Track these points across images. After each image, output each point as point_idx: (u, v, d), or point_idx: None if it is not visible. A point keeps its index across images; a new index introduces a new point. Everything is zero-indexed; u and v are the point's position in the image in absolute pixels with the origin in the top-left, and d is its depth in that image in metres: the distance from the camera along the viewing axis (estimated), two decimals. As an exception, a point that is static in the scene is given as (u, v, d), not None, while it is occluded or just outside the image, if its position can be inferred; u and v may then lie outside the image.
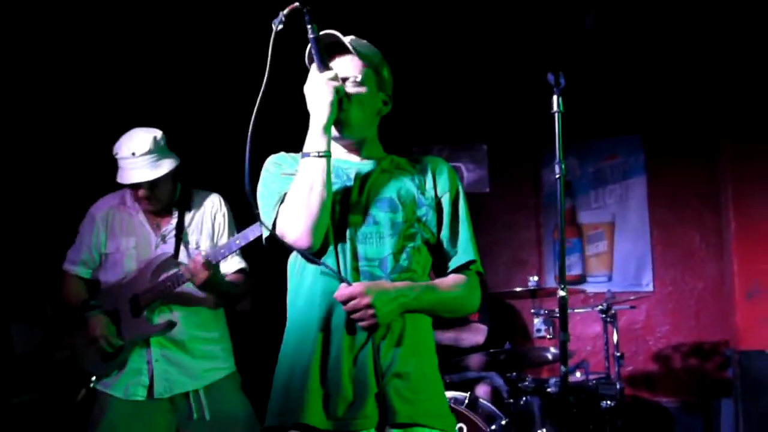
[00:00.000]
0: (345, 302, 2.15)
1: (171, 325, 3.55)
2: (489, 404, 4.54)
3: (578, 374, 5.01)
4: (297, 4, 2.17)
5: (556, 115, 2.90)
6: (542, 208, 6.31)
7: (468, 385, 4.97)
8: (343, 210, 2.29)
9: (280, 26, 2.18)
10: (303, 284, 2.30)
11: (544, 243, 6.27)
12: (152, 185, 3.56)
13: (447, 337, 5.17)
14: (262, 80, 2.21)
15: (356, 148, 2.44)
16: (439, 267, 2.43)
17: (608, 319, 4.92)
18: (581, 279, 6.14)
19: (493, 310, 5.56)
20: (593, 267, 6.15)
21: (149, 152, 3.52)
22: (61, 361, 5.36)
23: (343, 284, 2.18)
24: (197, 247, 3.68)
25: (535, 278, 5.03)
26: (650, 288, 5.97)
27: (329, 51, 2.31)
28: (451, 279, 2.38)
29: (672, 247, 5.98)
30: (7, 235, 5.02)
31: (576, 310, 5.22)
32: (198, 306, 3.67)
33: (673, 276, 5.95)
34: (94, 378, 3.58)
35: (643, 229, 6.03)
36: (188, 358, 3.61)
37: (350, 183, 2.34)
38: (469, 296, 2.39)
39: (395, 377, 2.20)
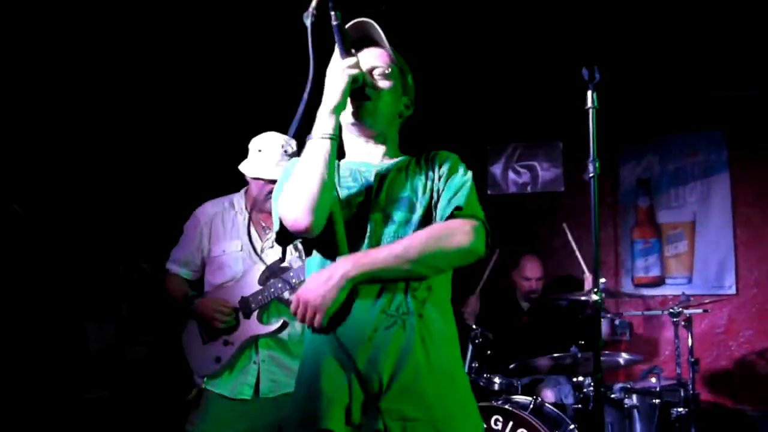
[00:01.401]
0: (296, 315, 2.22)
1: (285, 325, 3.60)
2: (555, 409, 4.44)
3: (652, 380, 4.83)
4: None
5: (591, 111, 2.77)
6: (619, 207, 6.12)
7: (533, 389, 4.88)
8: (363, 211, 2.28)
9: (312, 19, 2.19)
10: None
11: (621, 243, 6.09)
12: None
13: None
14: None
15: (377, 143, 2.42)
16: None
17: (682, 323, 4.73)
18: (660, 281, 5.94)
19: (568, 312, 5.45)
20: (673, 268, 5.93)
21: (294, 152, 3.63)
22: (135, 358, 5.51)
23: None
24: (297, 253, 3.71)
25: (603, 280, 4.86)
26: (733, 290, 5.72)
27: (362, 42, 2.35)
28: (427, 229, 2.26)
29: (757, 247, 5.71)
30: (84, 234, 5.16)
31: (645, 313, 5.04)
32: None
33: (758, 278, 5.69)
34: (205, 379, 3.65)
35: (726, 229, 5.78)
36: (290, 359, 3.64)
37: (368, 184, 2.33)
38: (447, 239, 2.21)
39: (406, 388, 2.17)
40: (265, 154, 3.62)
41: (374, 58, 2.36)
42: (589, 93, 2.84)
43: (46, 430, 4.66)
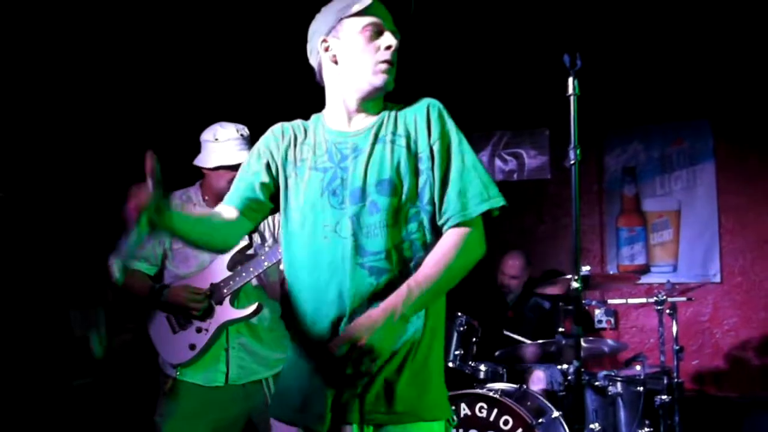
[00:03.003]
0: (343, 352, 2.05)
1: (260, 308, 3.58)
2: (540, 397, 4.45)
3: (637, 367, 4.85)
4: None
5: (572, 98, 2.75)
6: (605, 195, 6.13)
7: (519, 376, 4.89)
8: (342, 197, 2.21)
9: None
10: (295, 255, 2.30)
11: (607, 231, 6.10)
12: None
13: None
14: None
15: (365, 106, 2.32)
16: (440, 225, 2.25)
17: (667, 311, 4.74)
18: (645, 269, 5.95)
19: (553, 308, 5.46)
20: (658, 257, 5.95)
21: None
22: (121, 344, 5.49)
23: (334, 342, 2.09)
24: (262, 240, 3.71)
25: (587, 267, 4.87)
26: (718, 279, 5.74)
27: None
28: (440, 250, 2.17)
29: (741, 235, 5.73)
30: (69, 221, 5.13)
31: (630, 301, 5.05)
32: (271, 296, 3.71)
33: (742, 266, 5.71)
34: (178, 369, 3.62)
35: (711, 217, 5.80)
36: (260, 346, 3.65)
37: (345, 163, 2.25)
38: (466, 254, 2.18)
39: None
40: (222, 142, 3.61)
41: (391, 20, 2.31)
42: (570, 80, 2.83)
43: (34, 417, 4.64)
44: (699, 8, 5.44)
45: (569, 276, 4.96)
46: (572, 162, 2.75)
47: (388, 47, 2.24)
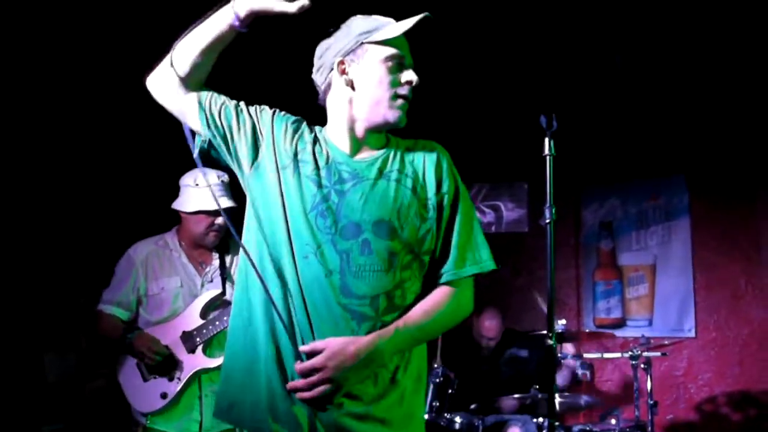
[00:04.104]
0: (303, 374, 2.01)
1: None
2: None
3: (612, 422, 4.85)
4: None
5: (548, 158, 2.80)
6: (582, 249, 6.19)
7: (495, 429, 4.88)
8: (334, 229, 2.09)
9: None
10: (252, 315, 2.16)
11: (583, 284, 6.14)
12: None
13: None
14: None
15: (378, 133, 2.25)
16: (431, 276, 2.22)
17: (642, 366, 4.76)
18: (621, 322, 5.99)
19: (529, 359, 5.47)
20: (634, 310, 6.00)
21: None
22: (94, 391, 5.43)
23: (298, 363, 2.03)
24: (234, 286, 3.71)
25: (563, 321, 4.90)
26: (692, 333, 5.78)
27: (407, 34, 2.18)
28: (432, 301, 2.16)
29: (716, 291, 5.78)
30: (43, 267, 5.11)
31: (605, 356, 5.07)
32: None
33: (717, 321, 5.75)
34: (148, 417, 3.60)
35: (686, 272, 5.85)
36: None
37: (342, 187, 2.14)
38: (456, 311, 2.20)
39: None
40: (203, 187, 3.63)
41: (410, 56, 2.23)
42: (547, 140, 2.87)
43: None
44: (674, 67, 5.56)
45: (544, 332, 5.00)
46: (547, 221, 2.78)
47: (409, 82, 2.18)
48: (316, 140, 2.22)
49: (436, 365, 4.65)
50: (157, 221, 3.95)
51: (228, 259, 3.79)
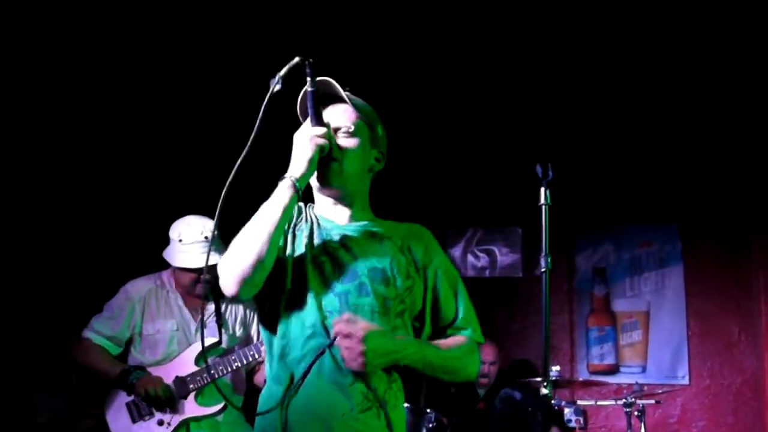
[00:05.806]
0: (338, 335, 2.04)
1: (224, 409, 3.56)
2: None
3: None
4: (297, 59, 2.09)
5: (543, 207, 2.82)
6: (575, 295, 6.19)
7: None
8: (332, 274, 2.16)
9: (278, 87, 2.09)
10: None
11: (577, 330, 6.13)
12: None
13: None
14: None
15: (346, 204, 2.28)
16: (434, 333, 2.28)
17: (635, 413, 4.75)
18: (615, 369, 5.97)
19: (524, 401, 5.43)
20: (627, 357, 5.98)
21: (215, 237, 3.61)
22: (84, 431, 5.37)
23: (346, 315, 2.05)
24: (234, 333, 3.73)
25: (557, 368, 4.90)
26: (686, 381, 5.78)
27: (324, 100, 2.22)
28: (452, 339, 2.26)
29: (709, 338, 5.79)
30: (33, 305, 5.09)
31: (599, 402, 5.06)
32: (236, 391, 3.71)
33: (711, 369, 5.75)
34: None
35: (680, 319, 5.86)
36: None
37: (335, 244, 2.21)
38: (468, 357, 2.26)
39: None
40: (186, 244, 3.62)
41: (338, 116, 2.23)
42: (543, 190, 2.91)
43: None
44: (667, 114, 5.62)
45: (538, 379, 5.00)
46: (543, 270, 2.80)
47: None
48: (307, 217, 2.29)
49: (428, 410, 4.61)
50: (147, 260, 3.95)
51: (223, 306, 3.77)
